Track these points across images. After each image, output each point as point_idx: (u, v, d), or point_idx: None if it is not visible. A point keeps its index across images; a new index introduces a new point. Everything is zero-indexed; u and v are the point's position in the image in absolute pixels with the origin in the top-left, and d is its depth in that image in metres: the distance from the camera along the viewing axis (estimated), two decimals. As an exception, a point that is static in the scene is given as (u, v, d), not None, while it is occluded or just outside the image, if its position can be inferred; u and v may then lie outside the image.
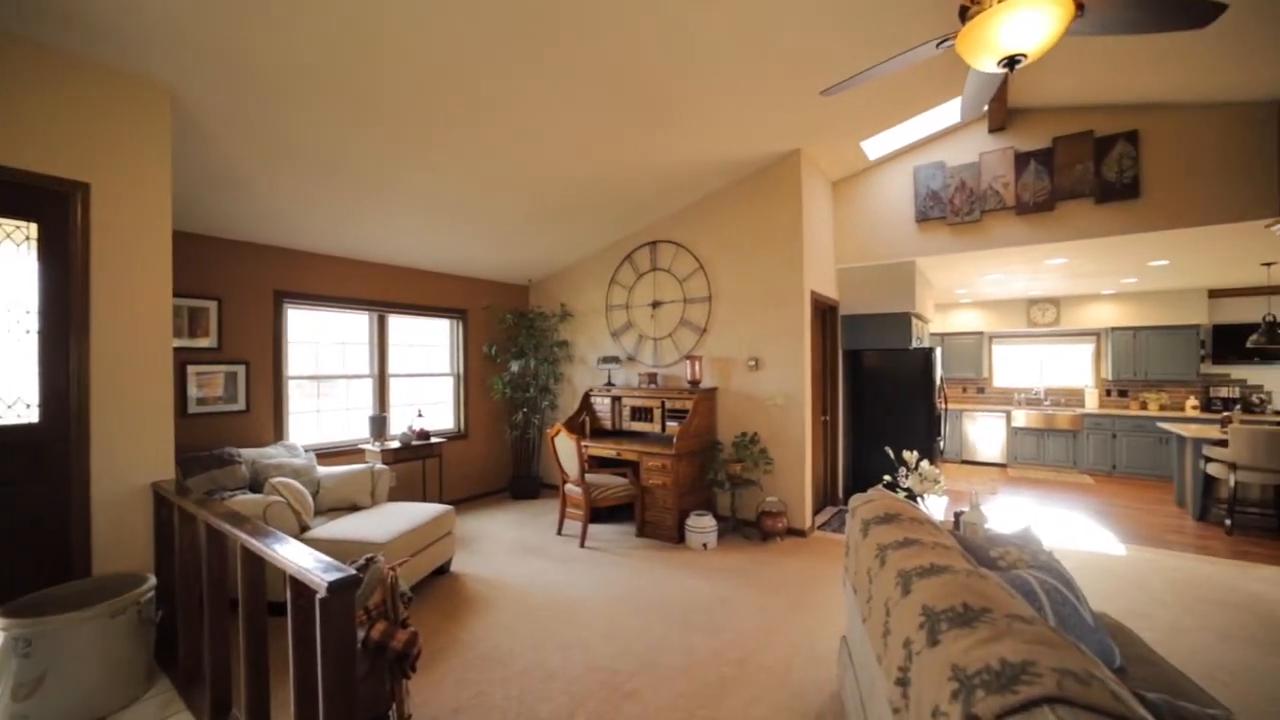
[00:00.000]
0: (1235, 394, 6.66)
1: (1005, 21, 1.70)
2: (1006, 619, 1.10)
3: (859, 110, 3.84)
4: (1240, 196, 3.68)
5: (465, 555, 4.03)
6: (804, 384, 4.33)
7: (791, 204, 4.34)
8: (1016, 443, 7.40)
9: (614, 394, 5.04)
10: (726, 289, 4.72)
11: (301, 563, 1.52)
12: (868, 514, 1.86)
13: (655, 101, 3.22)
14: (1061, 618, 1.71)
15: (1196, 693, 1.62)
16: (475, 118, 3.09)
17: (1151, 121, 3.90)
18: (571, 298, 5.86)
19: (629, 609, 3.16)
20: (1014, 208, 4.32)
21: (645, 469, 4.33)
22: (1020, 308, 7.80)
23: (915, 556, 1.46)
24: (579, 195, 4.34)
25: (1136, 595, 3.33)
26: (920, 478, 2.73)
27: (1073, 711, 0.83)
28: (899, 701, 1.25)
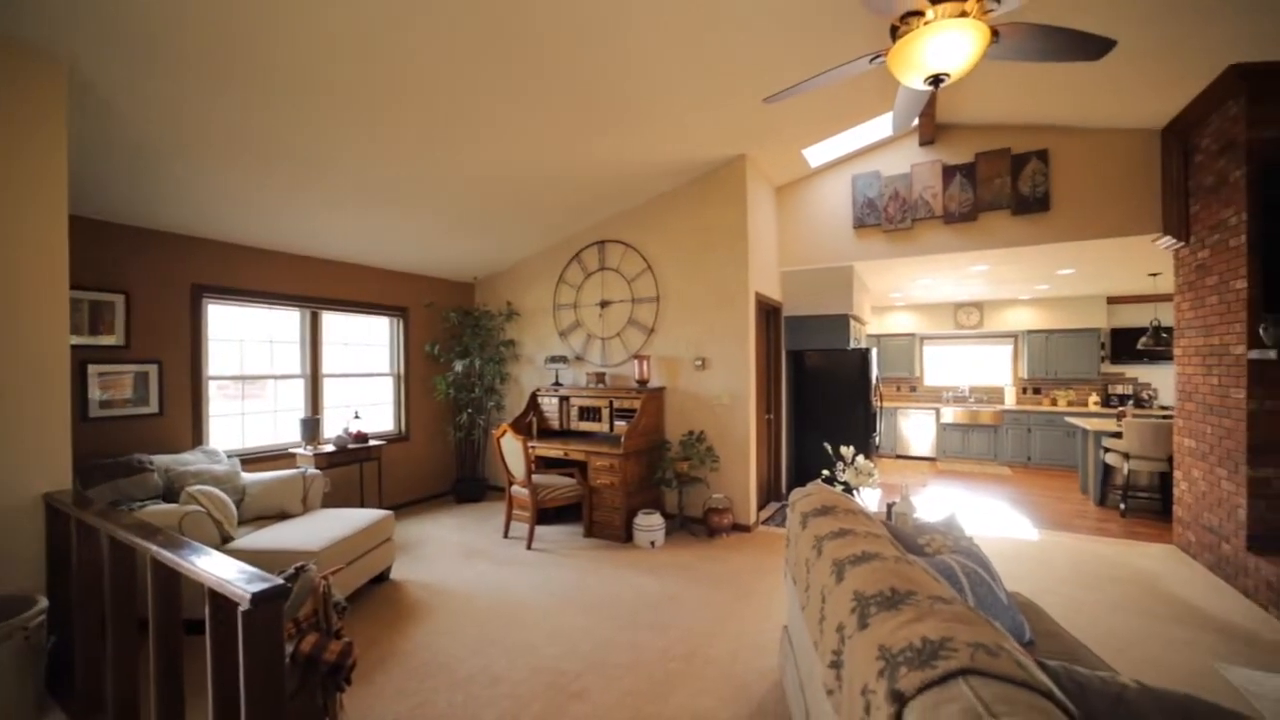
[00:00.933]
0: (1129, 391, 7.37)
1: (930, 42, 1.82)
2: (929, 600, 1.18)
3: (801, 119, 3.99)
4: (1132, 213, 4.07)
5: (406, 561, 3.88)
6: (749, 383, 4.45)
7: (737, 207, 4.45)
8: (944, 438, 7.89)
9: (562, 394, 5.00)
10: (674, 289, 4.78)
11: (222, 574, 1.42)
12: (806, 507, 1.93)
13: (604, 101, 3.23)
14: (979, 597, 1.84)
15: (1092, 659, 1.78)
16: (416, 109, 2.99)
17: (1060, 142, 4.25)
18: (518, 296, 5.76)
19: (576, 609, 3.14)
20: (942, 217, 4.60)
21: (593, 469, 4.32)
22: (948, 311, 8.33)
23: (849, 546, 1.53)
24: (526, 192, 4.28)
25: (1045, 575, 3.63)
26: (856, 472, 2.88)
27: (983, 680, 0.90)
28: (833, 683, 1.31)
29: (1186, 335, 4.03)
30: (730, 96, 3.39)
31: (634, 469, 4.35)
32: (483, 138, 3.40)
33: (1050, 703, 0.89)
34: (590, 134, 3.58)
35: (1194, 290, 3.92)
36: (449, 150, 3.47)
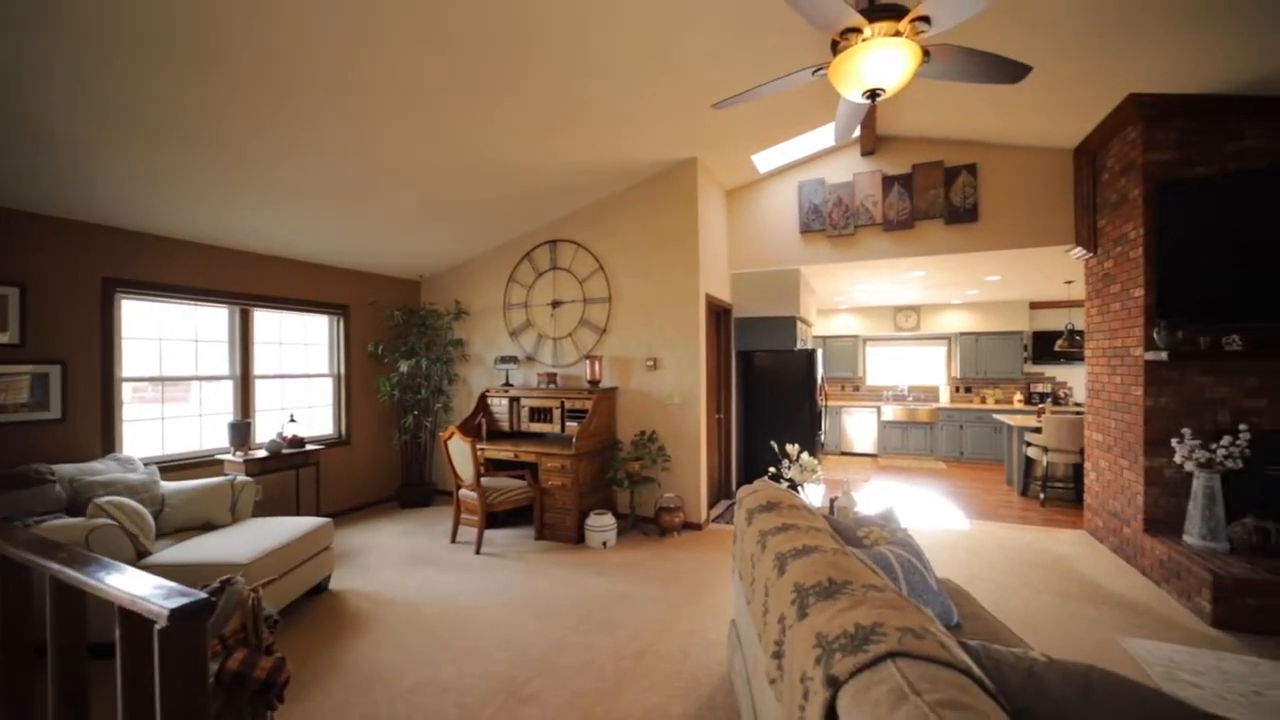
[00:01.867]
0: (1048, 389, 7.97)
1: (867, 58, 1.91)
2: (863, 589, 1.24)
3: (750, 126, 4.09)
4: (1049, 225, 4.41)
5: (347, 571, 3.72)
6: (700, 383, 4.52)
7: (688, 210, 4.52)
8: (885, 435, 8.27)
9: (512, 394, 4.92)
10: (626, 290, 4.80)
11: (135, 591, 1.31)
12: (752, 504, 1.99)
13: (555, 100, 3.20)
14: (912, 585, 1.95)
15: (1011, 637, 1.92)
16: (359, 99, 2.87)
17: (987, 157, 4.55)
18: (467, 295, 5.62)
19: (527, 613, 3.10)
20: (882, 224, 4.83)
21: (544, 470, 4.27)
22: (888, 314, 8.75)
23: (791, 540, 1.59)
24: (476, 189, 4.18)
25: (974, 562, 3.87)
26: (800, 469, 2.98)
27: (910, 662, 0.95)
28: (775, 673, 1.36)
29: (1095, 338, 4.40)
30: (681, 100, 3.44)
31: (586, 470, 4.33)
32: (430, 132, 3.30)
33: (969, 679, 0.95)
34: (542, 132, 3.55)
35: (1101, 297, 4.29)
36: (394, 144, 3.35)
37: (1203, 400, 3.48)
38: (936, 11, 1.83)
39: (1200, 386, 3.49)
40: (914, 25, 1.91)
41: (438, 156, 3.61)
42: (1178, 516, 3.50)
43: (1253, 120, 3.35)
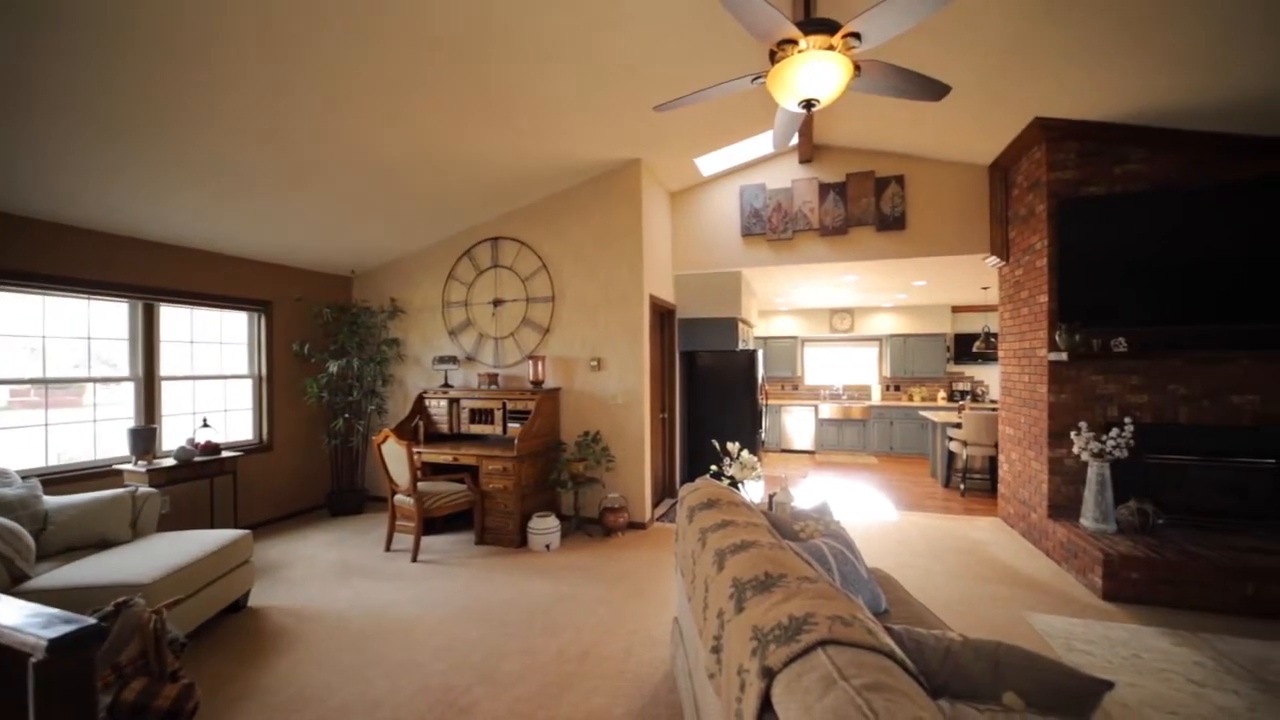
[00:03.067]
0: (968, 388, 8.57)
1: (801, 69, 1.98)
2: (798, 581, 1.28)
3: (693, 129, 4.15)
4: (968, 235, 4.74)
5: (269, 586, 3.47)
6: (644, 383, 4.54)
7: (632, 210, 4.53)
8: (822, 432, 8.62)
9: (451, 396, 4.76)
10: (570, 289, 4.75)
11: (4, 620, 1.17)
12: (693, 502, 2.01)
13: (498, 95, 3.13)
14: (845, 575, 2.03)
15: (933, 620, 2.04)
16: (286, 79, 2.68)
17: (914, 169, 4.83)
18: (404, 292, 5.39)
19: (467, 620, 3.01)
20: (818, 230, 5.03)
21: (485, 473, 4.16)
22: (825, 316, 9.13)
23: (730, 536, 1.62)
24: (413, 183, 4.02)
25: (902, 550, 4.10)
26: (741, 466, 3.05)
27: (839, 649, 0.99)
28: (714, 667, 1.38)
29: (1007, 340, 4.77)
30: (624, 101, 3.44)
31: (528, 471, 4.25)
32: (365, 121, 3.14)
33: (892, 661, 1.00)
34: (483, 127, 3.45)
35: (1012, 302, 4.65)
36: (323, 132, 3.16)
37: (1095, 396, 3.84)
38: (866, 29, 1.92)
39: (1093, 384, 3.85)
40: (846, 40, 2.00)
41: (371, 147, 3.43)
42: (1076, 502, 3.85)
43: (1136, 147, 3.74)
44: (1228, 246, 3.50)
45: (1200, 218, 3.55)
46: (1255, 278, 3.46)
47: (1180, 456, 3.71)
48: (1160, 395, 3.72)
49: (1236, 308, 3.49)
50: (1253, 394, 3.56)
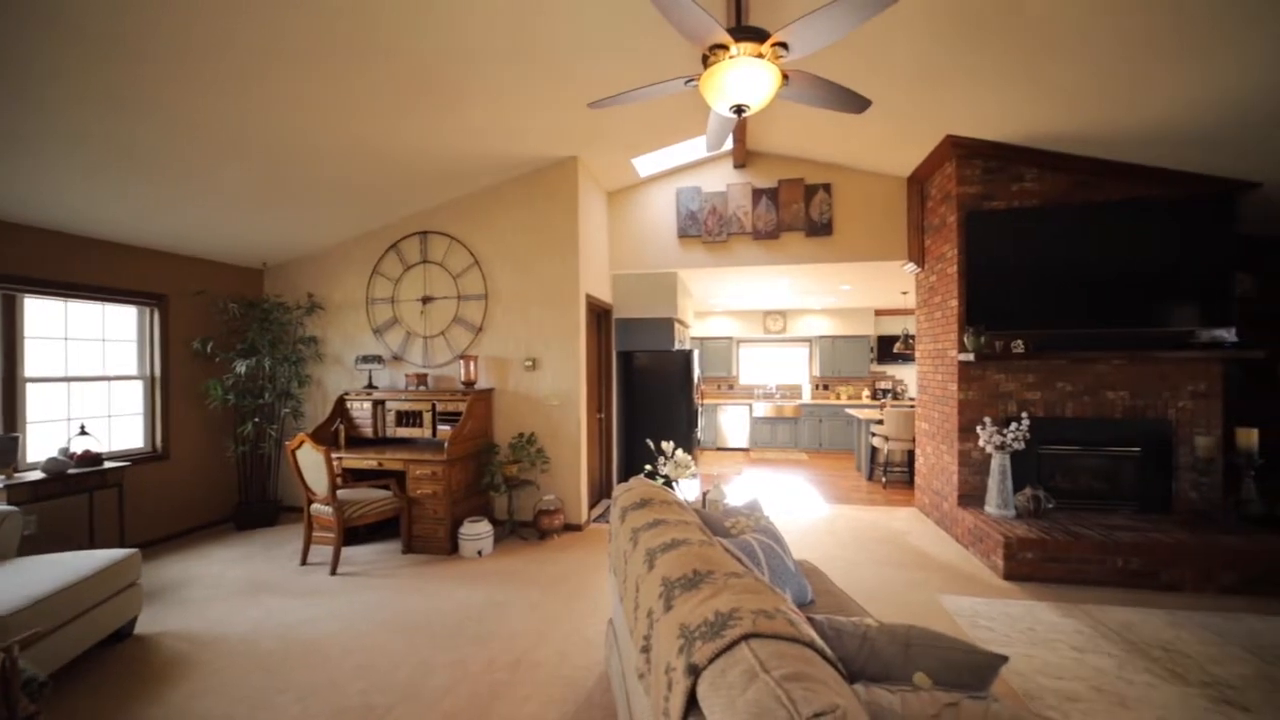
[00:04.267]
0: (890, 386, 9.12)
1: (731, 75, 2.02)
2: (725, 577, 1.29)
3: (630, 129, 4.15)
4: (889, 243, 5.03)
5: (162, 610, 3.14)
6: (580, 383, 4.49)
7: (568, 208, 4.47)
8: (756, 430, 8.89)
9: (376, 398, 4.50)
10: (504, 287, 4.63)
11: None
12: (626, 502, 2.00)
13: (427, 85, 3.00)
14: (773, 569, 2.09)
15: (856, 608, 2.14)
16: (183, 50, 2.43)
17: (840, 178, 5.08)
18: (323, 287, 5.05)
19: (391, 634, 2.85)
20: (751, 233, 5.18)
21: (413, 478, 3.97)
22: (759, 318, 9.43)
23: (661, 535, 1.62)
24: (335, 171, 3.76)
25: (829, 542, 4.29)
26: (675, 465, 3.09)
27: (761, 641, 1.01)
28: (644, 667, 1.37)
29: (923, 342, 5.11)
30: (559, 97, 3.39)
31: (459, 476, 4.10)
32: (282, 102, 2.90)
33: (812, 650, 1.03)
34: (413, 116, 3.29)
35: (927, 307, 4.99)
36: (233, 111, 2.89)
37: (998, 394, 4.19)
38: (793, 39, 1.98)
39: (997, 382, 4.19)
40: (775, 49, 2.06)
41: (288, 130, 3.18)
42: (982, 491, 4.18)
43: (1029, 166, 4.11)
44: (1102, 259, 3.92)
45: (1080, 232, 3.95)
46: (1124, 287, 3.89)
47: (1066, 447, 4.11)
48: (1051, 392, 4.11)
49: (1109, 313, 3.91)
50: (1124, 390, 4.01)
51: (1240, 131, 3.22)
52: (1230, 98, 2.94)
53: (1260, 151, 3.39)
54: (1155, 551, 3.34)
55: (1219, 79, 2.82)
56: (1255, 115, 3.03)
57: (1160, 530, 3.55)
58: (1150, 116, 3.29)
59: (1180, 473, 3.95)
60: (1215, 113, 3.10)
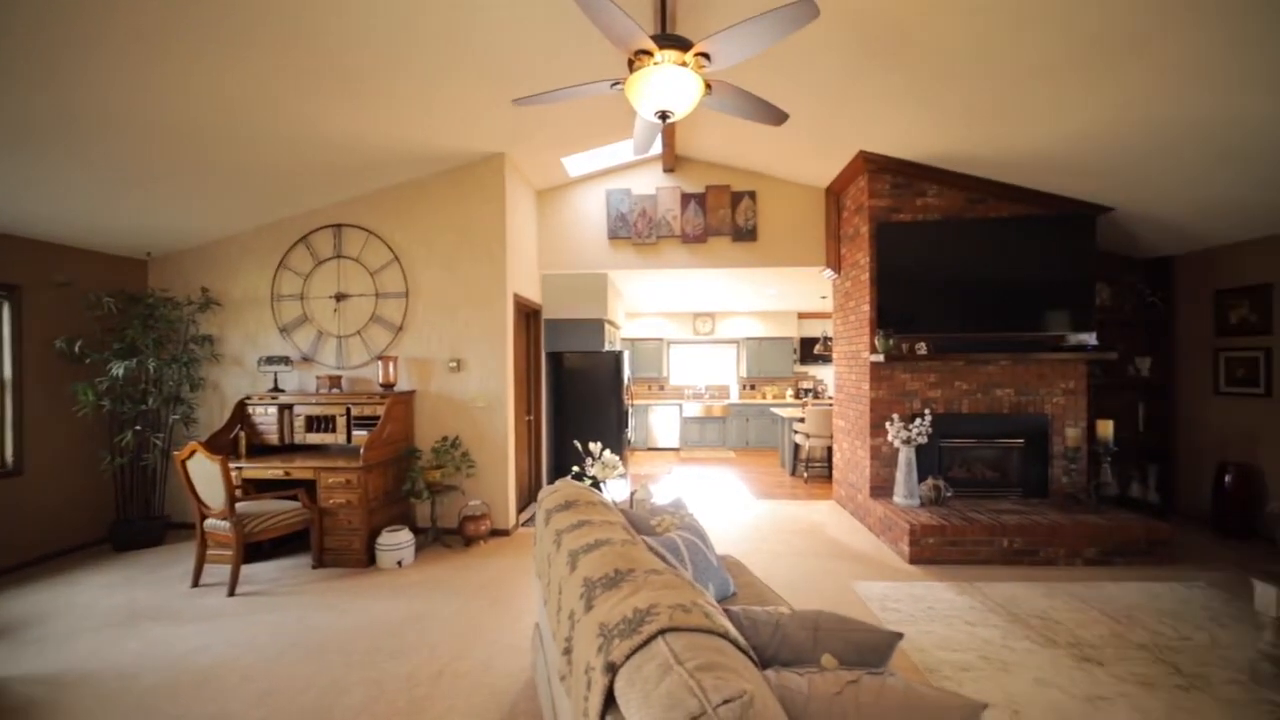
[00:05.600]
0: (811, 386, 9.60)
1: (655, 80, 2.06)
2: (645, 574, 1.31)
3: (560, 128, 4.11)
4: (809, 249, 5.30)
5: (9, 652, 2.74)
6: (507, 385, 4.39)
7: (496, 205, 4.36)
8: (686, 430, 9.07)
9: (283, 401, 4.17)
10: (427, 285, 4.43)
11: None
12: (551, 504, 1.98)
13: (344, 70, 2.82)
14: (697, 565, 2.14)
15: (775, 598, 2.23)
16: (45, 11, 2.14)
17: (764, 186, 5.29)
18: (220, 282, 4.61)
19: (298, 656, 2.65)
20: (680, 237, 5.28)
21: (325, 487, 3.71)
22: (689, 320, 9.63)
23: (585, 536, 1.61)
24: (236, 154, 3.45)
25: (753, 536, 4.45)
26: (603, 465, 3.09)
27: (677, 635, 1.03)
28: (565, 669, 1.36)
29: (839, 344, 5.43)
30: (485, 91, 3.30)
31: (377, 483, 3.88)
32: (176, 75, 2.61)
33: (726, 641, 1.06)
34: (326, 101, 3.08)
35: (843, 311, 5.30)
36: (113, 78, 2.57)
37: (905, 392, 4.52)
38: (715, 50, 2.05)
39: (903, 381, 4.53)
40: (698, 59, 2.12)
41: (182, 106, 2.87)
42: (891, 483, 4.49)
43: (931, 183, 4.48)
44: (993, 269, 4.34)
45: (975, 245, 4.35)
46: (1011, 295, 4.33)
47: (963, 440, 4.51)
48: (949, 390, 4.49)
49: (999, 318, 4.34)
50: (1010, 388, 4.46)
51: (1100, 161, 3.68)
52: (1094, 130, 3.34)
53: (1113, 179, 3.89)
54: (1034, 532, 3.73)
55: (1084, 115, 3.20)
56: (1111, 147, 3.47)
57: (1038, 513, 3.98)
58: (1031, 144, 3.67)
59: (1055, 461, 4.45)
60: (1082, 144, 3.52)
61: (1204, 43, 2.47)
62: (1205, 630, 2.80)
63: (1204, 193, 3.76)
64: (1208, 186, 3.66)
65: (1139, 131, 3.24)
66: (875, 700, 1.00)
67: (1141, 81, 2.81)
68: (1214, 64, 2.58)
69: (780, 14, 1.78)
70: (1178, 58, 2.59)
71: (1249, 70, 2.57)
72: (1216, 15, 2.31)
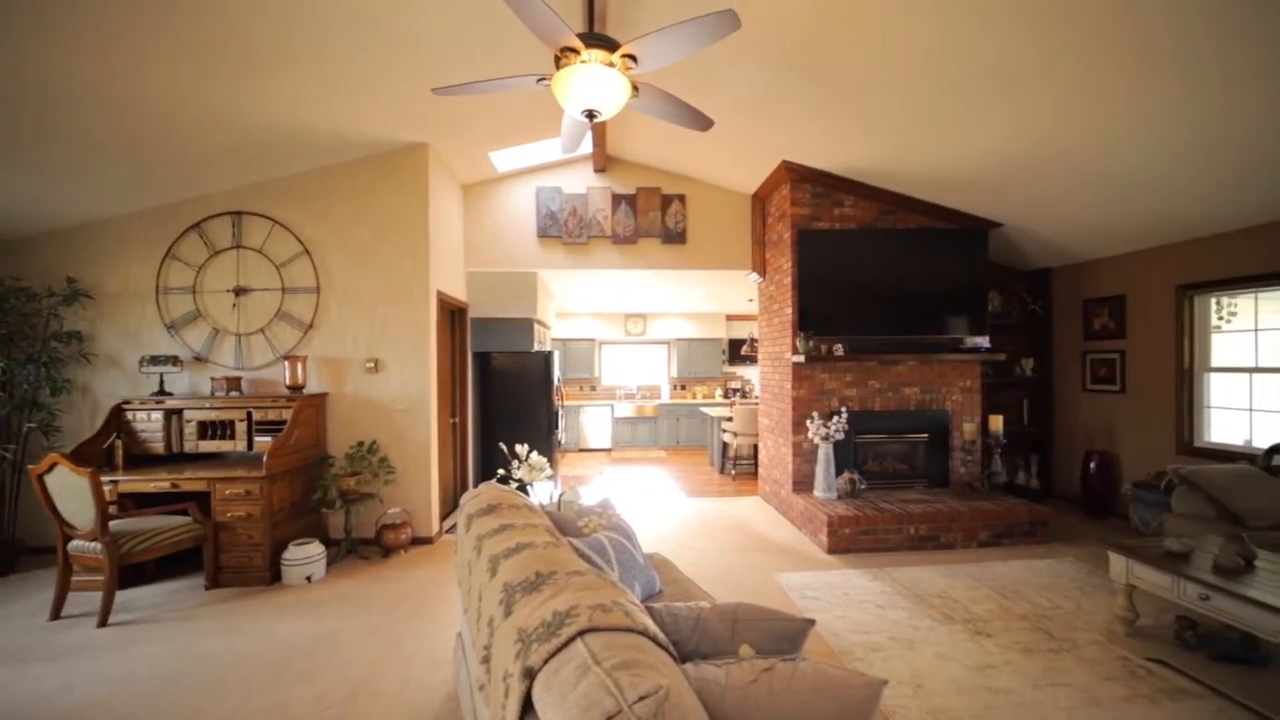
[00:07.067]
0: (739, 386, 9.91)
1: (581, 79, 2.04)
2: (566, 576, 1.29)
3: (488, 122, 3.99)
4: (736, 253, 5.47)
5: None
6: (430, 386, 4.20)
7: (418, 198, 4.16)
8: (618, 430, 9.08)
9: (171, 406, 3.76)
10: (341, 281, 4.15)
11: None
12: (472, 508, 1.91)
13: (235, 42, 2.57)
14: (623, 564, 2.14)
15: (700, 593, 2.27)
16: None
17: (694, 190, 5.40)
18: (91, 271, 4.07)
19: (188, 688, 2.39)
20: (610, 237, 5.29)
21: (221, 500, 3.38)
22: (620, 320, 9.66)
23: (506, 540, 1.57)
24: (106, 124, 3.07)
25: (681, 534, 4.53)
26: (530, 468, 3.02)
27: (596, 635, 1.02)
28: (484, 678, 1.31)
29: (764, 345, 5.64)
30: (407, 78, 3.14)
31: (283, 493, 3.59)
32: (28, 23, 2.28)
33: (645, 638, 1.07)
34: (224, 75, 2.80)
35: (768, 314, 5.51)
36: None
37: (824, 391, 4.77)
38: (642, 52, 2.06)
39: (823, 381, 4.77)
40: (625, 60, 2.12)
41: (36, 59, 2.51)
42: (811, 478, 4.72)
43: (848, 194, 4.76)
44: (901, 276, 4.67)
45: (887, 253, 4.67)
46: (918, 301, 4.68)
47: (876, 436, 4.82)
48: (864, 389, 4.79)
49: (908, 322, 4.68)
50: (917, 386, 4.82)
51: (991, 181, 4.06)
52: (986, 153, 3.68)
53: (1002, 198, 4.31)
54: (936, 519, 4.05)
55: (979, 140, 3.51)
56: (1000, 170, 3.84)
57: (940, 501, 4.32)
58: (936, 162, 3.99)
59: (954, 453, 4.85)
60: (977, 165, 3.86)
61: (1074, 82, 2.78)
62: (1073, 599, 3.16)
63: (1072, 213, 4.25)
64: (1076, 208, 4.14)
65: (1022, 157, 3.60)
66: (787, 685, 1.04)
67: (1024, 113, 3.13)
68: (1079, 101, 2.91)
69: (704, 22, 1.82)
70: (1054, 94, 2.91)
71: (1108, 106, 2.92)
72: (1084, 56, 2.61)
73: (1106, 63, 2.60)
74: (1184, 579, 2.42)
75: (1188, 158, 3.17)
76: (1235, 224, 3.83)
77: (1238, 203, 3.56)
